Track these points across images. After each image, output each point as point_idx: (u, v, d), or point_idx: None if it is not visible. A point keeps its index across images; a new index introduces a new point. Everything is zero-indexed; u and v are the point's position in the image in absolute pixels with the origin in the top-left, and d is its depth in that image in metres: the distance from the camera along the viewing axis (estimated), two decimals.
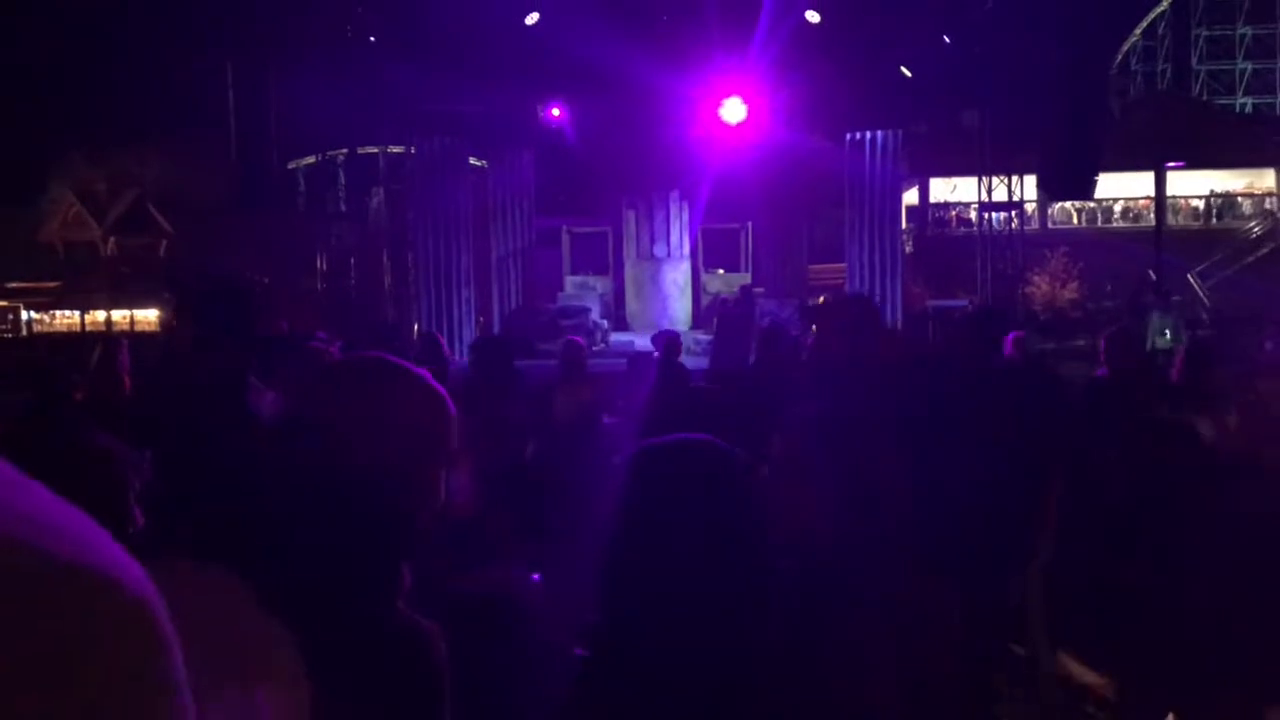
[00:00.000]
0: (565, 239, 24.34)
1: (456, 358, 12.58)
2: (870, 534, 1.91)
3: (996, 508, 3.72)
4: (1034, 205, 32.88)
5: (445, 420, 1.64)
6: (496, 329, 19.65)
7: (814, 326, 5.21)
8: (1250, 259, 32.83)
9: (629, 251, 23.15)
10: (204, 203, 32.78)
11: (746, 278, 23.24)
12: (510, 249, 21.46)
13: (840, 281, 21.25)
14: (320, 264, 27.94)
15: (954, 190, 35.89)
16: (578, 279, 23.78)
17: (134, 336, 24.87)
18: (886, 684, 1.78)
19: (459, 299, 19.82)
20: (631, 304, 22.91)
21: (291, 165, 34.91)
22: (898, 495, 1.96)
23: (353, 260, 28.91)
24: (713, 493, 1.64)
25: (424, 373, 1.65)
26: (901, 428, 2.28)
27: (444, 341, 9.11)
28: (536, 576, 2.25)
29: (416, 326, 19.45)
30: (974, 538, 3.22)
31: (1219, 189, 37.89)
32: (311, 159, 34.15)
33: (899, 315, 19.60)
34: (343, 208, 32.81)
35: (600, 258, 24.40)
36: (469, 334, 19.13)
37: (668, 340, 8.66)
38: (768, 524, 1.71)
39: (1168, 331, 17.31)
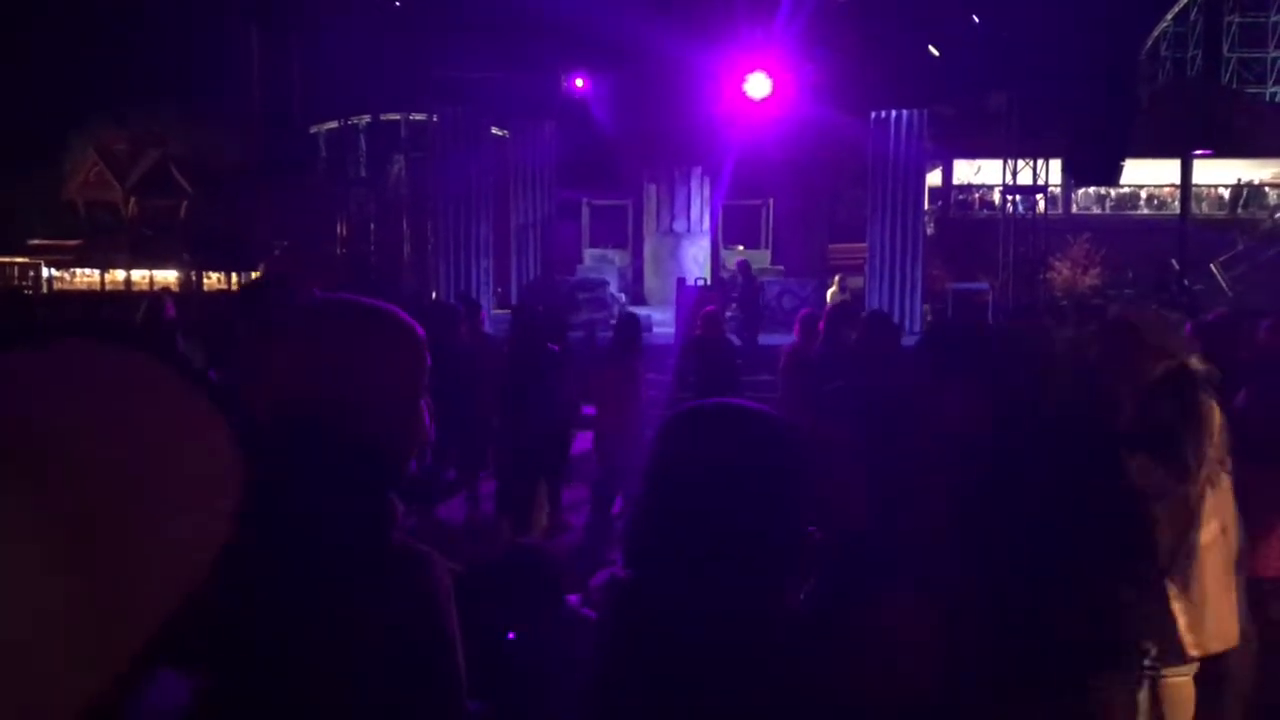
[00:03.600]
0: (585, 211, 24.25)
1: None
2: (904, 510, 1.89)
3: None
4: (1058, 190, 32.62)
5: (421, 354, 1.65)
6: (514, 299, 19.64)
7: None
8: (1275, 249, 32.53)
9: (649, 226, 23.06)
10: (226, 165, 32.83)
11: (766, 254, 23.15)
12: (530, 220, 21.42)
13: (861, 261, 21.13)
14: (340, 230, 27.96)
15: (978, 172, 35.65)
16: (596, 252, 23.72)
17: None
18: (921, 661, 1.77)
19: (478, 268, 19.81)
20: (650, 279, 22.84)
21: (313, 130, 34.87)
22: (932, 474, 1.94)
23: (372, 227, 28.92)
24: (751, 456, 1.64)
25: (396, 309, 1.66)
26: (936, 408, 2.25)
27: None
28: (511, 635, 2.27)
29: (434, 294, 19.45)
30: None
31: (1245, 178, 37.55)
32: (333, 124, 34.10)
33: (919, 296, 19.49)
34: (363, 174, 32.74)
35: (620, 231, 24.32)
36: (487, 303, 19.13)
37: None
38: (812, 492, 1.71)
39: None
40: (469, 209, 19.75)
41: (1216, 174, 36.36)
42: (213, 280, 34.37)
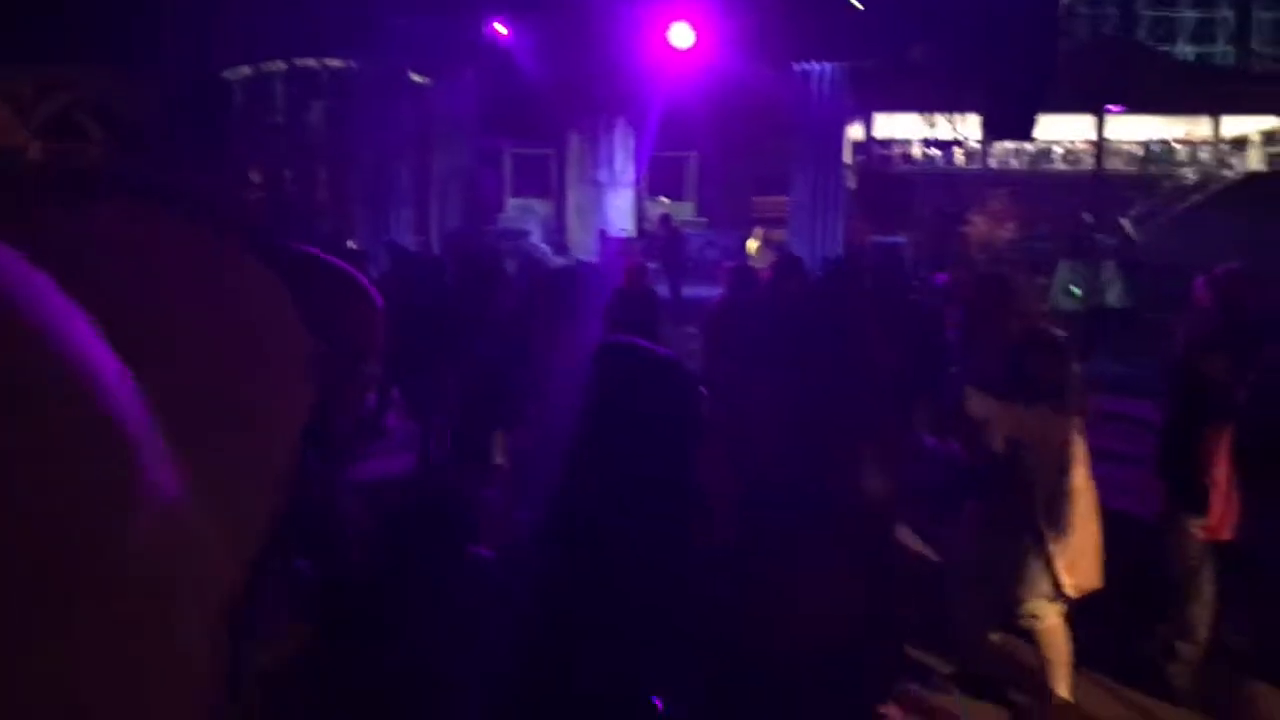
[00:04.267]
0: (508, 160, 24.03)
1: None
2: (802, 446, 1.94)
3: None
4: (978, 145, 33.00)
5: (372, 316, 1.56)
6: (436, 249, 19.43)
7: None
8: (1182, 206, 33.33)
9: (572, 176, 22.94)
10: (136, 110, 31.87)
11: (690, 206, 23.17)
12: (451, 168, 21.15)
13: (783, 214, 21.24)
14: (255, 177, 27.34)
15: (898, 127, 35.87)
16: (519, 201, 23.56)
17: None
18: (827, 586, 1.83)
19: (398, 217, 19.55)
20: (573, 229, 22.77)
21: (227, 75, 33.91)
22: (825, 411, 1.99)
23: (288, 174, 28.32)
24: (655, 389, 1.67)
25: (349, 267, 1.58)
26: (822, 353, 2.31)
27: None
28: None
29: (350, 244, 19.15)
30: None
31: (1157, 135, 38.30)
32: (247, 70, 33.18)
33: (840, 249, 19.65)
34: (279, 120, 31.97)
35: (543, 181, 24.16)
36: None
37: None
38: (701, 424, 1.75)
39: (1073, 288, 14.60)
40: (388, 157, 19.45)
41: (1130, 130, 37.02)
42: None
